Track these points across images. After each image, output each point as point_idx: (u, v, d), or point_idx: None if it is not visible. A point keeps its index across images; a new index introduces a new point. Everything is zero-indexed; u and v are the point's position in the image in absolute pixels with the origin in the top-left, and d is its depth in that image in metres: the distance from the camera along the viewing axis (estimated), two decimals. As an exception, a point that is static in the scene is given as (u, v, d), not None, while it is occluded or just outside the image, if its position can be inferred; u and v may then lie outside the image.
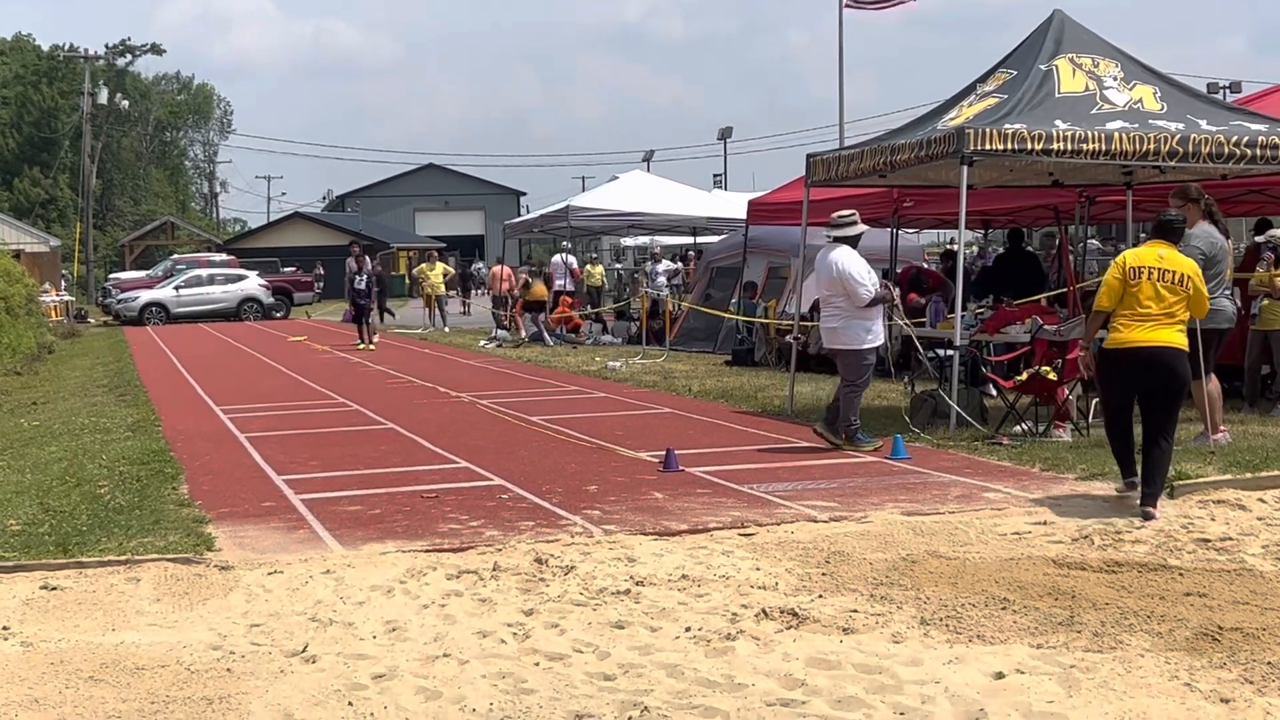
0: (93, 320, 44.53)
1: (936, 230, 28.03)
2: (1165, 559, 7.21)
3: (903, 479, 9.83)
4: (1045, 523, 8.14)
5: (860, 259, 11.42)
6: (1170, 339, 8.57)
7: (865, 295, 11.26)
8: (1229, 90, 48.11)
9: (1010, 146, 11.46)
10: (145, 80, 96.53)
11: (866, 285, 11.25)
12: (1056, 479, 9.66)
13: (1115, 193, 14.63)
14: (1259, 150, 11.83)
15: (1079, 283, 15.47)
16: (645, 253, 38.32)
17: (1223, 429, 10.88)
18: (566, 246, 31.18)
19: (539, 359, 23.05)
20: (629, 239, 42.46)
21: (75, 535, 8.18)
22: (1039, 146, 11.46)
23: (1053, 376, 11.30)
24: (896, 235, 19.48)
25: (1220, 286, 10.78)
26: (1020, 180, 14.21)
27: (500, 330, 29.05)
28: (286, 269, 54.16)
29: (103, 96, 63.85)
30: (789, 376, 14.99)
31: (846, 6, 35.38)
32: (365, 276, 27.31)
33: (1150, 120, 11.80)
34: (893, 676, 5.27)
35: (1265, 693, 5.01)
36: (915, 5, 43.83)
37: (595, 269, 36.91)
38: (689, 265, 36.37)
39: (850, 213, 11.71)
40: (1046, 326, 12.08)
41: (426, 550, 7.68)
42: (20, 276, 29.50)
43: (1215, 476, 9.18)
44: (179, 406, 16.14)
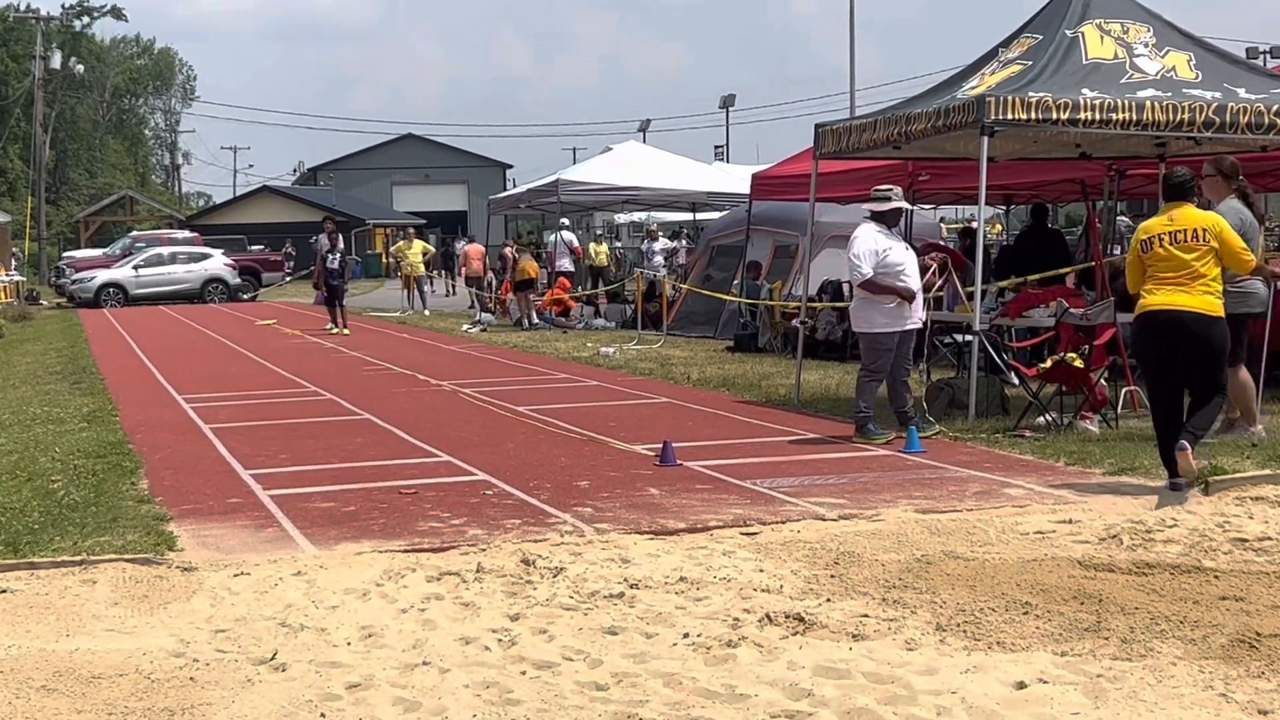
0: (45, 302, 44.52)
1: (954, 206, 28.01)
2: (1199, 560, 7.22)
3: (917, 474, 9.84)
4: (1070, 521, 8.15)
5: (879, 238, 11.37)
6: (1190, 302, 8.64)
7: (858, 276, 11.35)
8: (1269, 55, 48.14)
9: (1034, 116, 11.46)
10: (102, 43, 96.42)
11: (863, 267, 11.27)
12: (1083, 474, 9.67)
13: (1147, 165, 14.61)
14: (1301, 120, 11.81)
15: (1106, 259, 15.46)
16: (641, 230, 38.27)
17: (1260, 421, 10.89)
18: (565, 224, 31.12)
19: (526, 344, 23.06)
20: (623, 215, 42.42)
21: (26, 534, 8.17)
22: (1065, 116, 11.46)
23: (1079, 364, 11.30)
24: (912, 212, 19.45)
25: None
26: (1045, 152, 14.20)
27: (484, 314, 29.06)
28: (254, 247, 54.19)
29: (56, 61, 63.80)
30: (795, 364, 15.01)
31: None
32: (338, 255, 27.33)
33: (1184, 90, 11.79)
34: (906, 686, 5.28)
35: (1306, 704, 5.01)
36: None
37: (600, 247, 36.68)
38: (682, 242, 36.21)
39: (888, 187, 11.73)
40: (1072, 310, 12.08)
41: (405, 550, 7.68)
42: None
43: (1253, 472, 9.18)
44: (138, 395, 16.14)
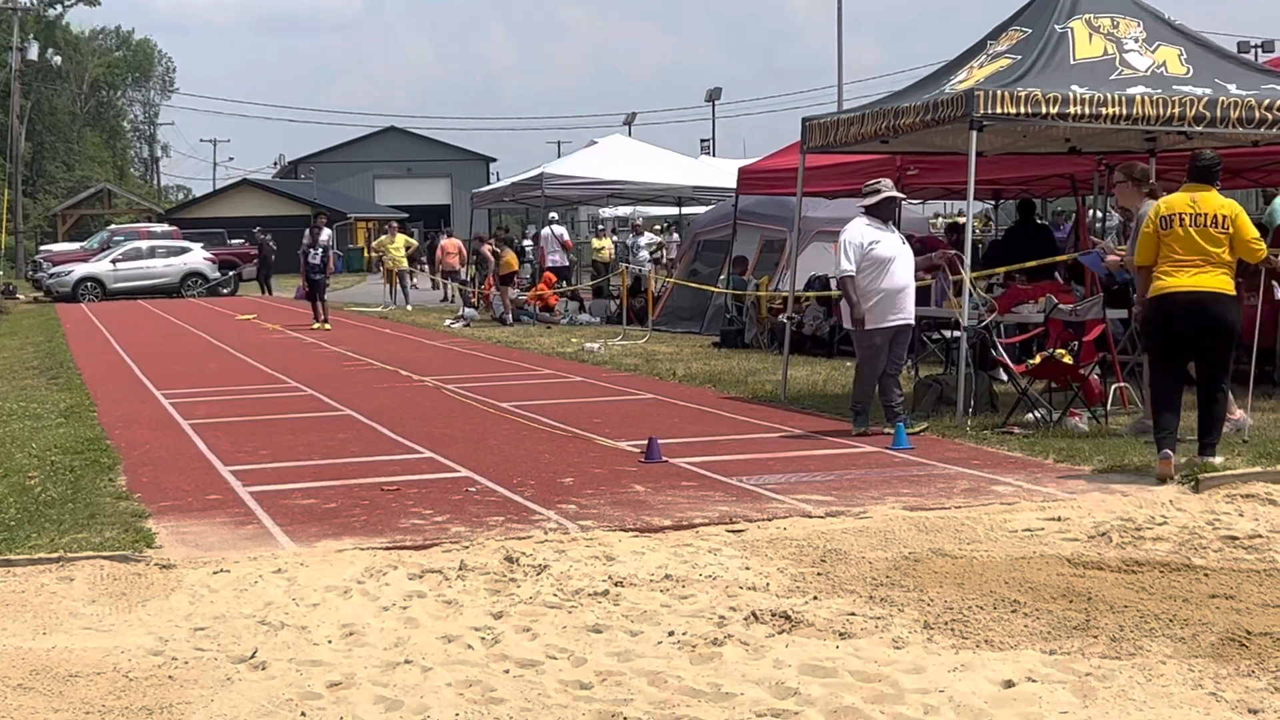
0: (22, 296, 44.33)
1: (943, 201, 28.04)
2: (1189, 558, 7.24)
3: (905, 471, 9.85)
4: (1059, 518, 8.17)
5: (867, 230, 11.40)
6: (1212, 284, 9.02)
7: (838, 271, 11.46)
8: (1260, 50, 48.25)
9: (1024, 111, 11.47)
10: (79, 34, 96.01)
11: (843, 261, 11.32)
12: (1072, 471, 9.70)
13: (1137, 160, 14.61)
14: (1293, 115, 11.84)
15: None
16: (626, 224, 38.21)
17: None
18: (554, 218, 31.11)
19: (510, 340, 23.05)
20: (608, 209, 42.38)
21: (2, 531, 8.16)
22: (1054, 110, 11.47)
23: (1068, 360, 11.32)
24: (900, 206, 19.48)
25: None
26: (1035, 147, 14.24)
27: (468, 309, 29.03)
28: (234, 241, 54.02)
29: (32, 52, 63.60)
30: (782, 359, 15.01)
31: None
32: (321, 250, 27.28)
33: (1174, 85, 11.82)
34: (893, 685, 5.29)
35: (1296, 702, 5.03)
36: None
37: (602, 241, 36.55)
38: (673, 236, 36.12)
39: (875, 181, 11.80)
40: (1062, 306, 12.10)
41: (387, 548, 7.68)
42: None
43: (1244, 469, 9.21)
44: (116, 390, 16.10)
